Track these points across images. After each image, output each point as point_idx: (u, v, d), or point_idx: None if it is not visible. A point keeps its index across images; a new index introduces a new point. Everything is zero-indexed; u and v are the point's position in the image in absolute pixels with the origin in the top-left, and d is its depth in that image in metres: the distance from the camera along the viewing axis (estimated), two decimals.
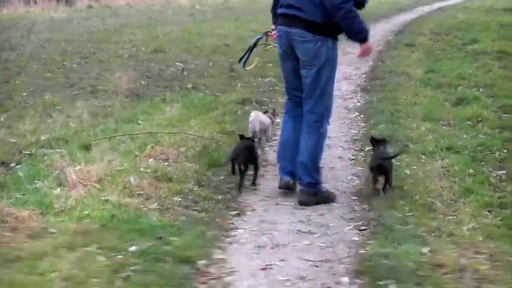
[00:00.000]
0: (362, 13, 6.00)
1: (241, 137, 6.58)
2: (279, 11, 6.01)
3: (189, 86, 10.93)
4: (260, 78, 11.80)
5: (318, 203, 5.95)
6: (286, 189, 6.20)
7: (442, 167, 6.83)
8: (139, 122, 8.43)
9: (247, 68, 7.34)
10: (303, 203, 5.94)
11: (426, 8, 32.36)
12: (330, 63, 5.95)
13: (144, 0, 30.71)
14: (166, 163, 6.64)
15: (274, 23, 6.28)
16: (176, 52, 14.14)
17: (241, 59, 7.16)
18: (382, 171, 6.09)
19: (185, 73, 11.93)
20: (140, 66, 12.50)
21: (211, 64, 13.08)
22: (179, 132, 7.61)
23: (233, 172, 6.38)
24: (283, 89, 10.62)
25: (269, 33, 6.74)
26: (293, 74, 6.12)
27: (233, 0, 33.48)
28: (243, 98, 9.93)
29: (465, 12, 28.55)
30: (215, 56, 14.11)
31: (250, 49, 6.99)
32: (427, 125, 8.58)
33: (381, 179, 6.13)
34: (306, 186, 6.00)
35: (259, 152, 6.93)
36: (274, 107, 9.71)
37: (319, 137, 6.06)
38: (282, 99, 10.25)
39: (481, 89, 11.11)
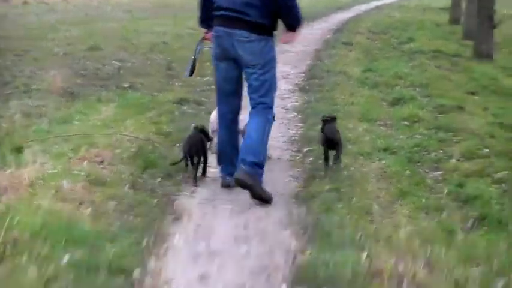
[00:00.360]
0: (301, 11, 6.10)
1: (195, 129, 6.60)
2: (218, 13, 5.98)
3: (126, 85, 10.74)
4: (198, 77, 11.66)
5: (254, 193, 5.85)
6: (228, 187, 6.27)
7: (379, 168, 6.83)
8: (74, 122, 8.20)
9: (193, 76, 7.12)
10: (241, 182, 5.83)
11: (363, 7, 32.74)
12: (274, 61, 6.11)
13: None
14: (101, 165, 6.48)
15: (207, 26, 6.30)
16: (113, 50, 13.93)
17: (191, 73, 6.96)
18: (333, 144, 6.68)
19: (122, 72, 11.73)
20: (76, 64, 12.25)
21: (148, 62, 12.92)
22: (114, 133, 7.45)
23: (187, 165, 6.44)
24: None
25: (205, 37, 6.56)
26: (231, 78, 6.17)
27: None
28: (181, 98, 9.81)
29: (402, 11, 29.01)
30: (153, 54, 13.97)
31: (194, 61, 6.80)
32: (364, 125, 8.61)
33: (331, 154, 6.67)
34: (249, 165, 5.85)
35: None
36: (211, 106, 9.65)
37: (267, 121, 6.11)
38: None
39: (417, 89, 11.26)
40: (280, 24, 6.10)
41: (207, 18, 6.23)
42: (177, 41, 15.87)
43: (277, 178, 6.69)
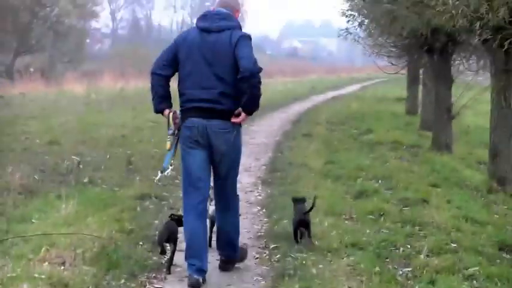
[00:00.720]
0: (261, 103, 6.36)
1: (171, 216, 6.85)
2: (189, 105, 6.18)
3: (86, 180, 10.51)
4: (159, 172, 11.51)
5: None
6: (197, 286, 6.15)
7: (348, 265, 6.72)
8: (33, 221, 7.96)
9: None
10: (225, 269, 6.66)
11: (321, 97, 33.15)
12: (240, 149, 6.48)
13: (38, 89, 30.21)
14: (63, 267, 6.24)
15: (168, 106, 6.37)
16: (72, 144, 13.73)
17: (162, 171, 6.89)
18: (303, 224, 7.38)
19: (81, 166, 11.48)
20: (34, 159, 11.98)
21: (108, 156, 12.71)
22: (75, 233, 7.21)
23: (163, 252, 6.67)
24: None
25: (174, 121, 6.36)
26: (200, 163, 6.26)
27: (129, 88, 33.33)
28: (142, 193, 9.61)
29: (358, 102, 29.39)
30: (112, 147, 13.77)
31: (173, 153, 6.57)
32: (330, 220, 8.49)
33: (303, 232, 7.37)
34: (229, 257, 6.68)
35: None
36: (174, 201, 9.51)
37: (237, 212, 6.70)
38: None
39: (379, 181, 11.26)
40: None
41: (167, 97, 6.36)
42: (136, 134, 15.75)
43: (244, 277, 6.53)
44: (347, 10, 19.56)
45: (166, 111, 6.39)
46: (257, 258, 7.15)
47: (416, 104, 24.15)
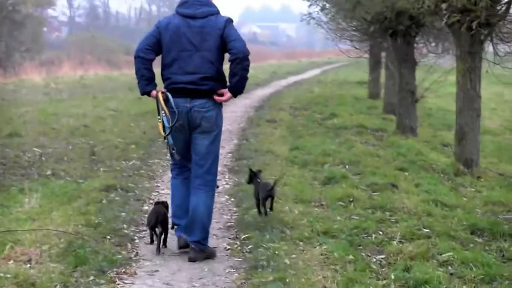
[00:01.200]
0: None
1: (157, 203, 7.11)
2: (174, 86, 6.46)
3: (49, 172, 10.28)
4: (123, 162, 11.34)
5: (205, 258, 6.64)
6: (186, 248, 6.72)
7: (322, 254, 6.61)
8: None
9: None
10: (193, 260, 6.57)
11: (283, 82, 33.03)
12: (221, 129, 6.77)
13: None
14: (29, 265, 6.04)
15: (154, 86, 6.55)
16: (33, 135, 13.39)
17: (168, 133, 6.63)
18: (269, 197, 7.76)
19: (43, 158, 11.24)
20: None
21: (70, 147, 12.45)
22: (40, 228, 7.00)
23: (152, 241, 6.98)
24: (149, 173, 10.47)
25: (163, 98, 6.51)
26: (184, 144, 6.66)
27: (89, 77, 32.92)
28: (107, 185, 9.36)
29: (320, 86, 29.35)
30: (74, 138, 13.48)
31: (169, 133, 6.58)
32: (300, 208, 8.40)
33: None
34: (199, 243, 6.64)
35: None
36: (140, 192, 9.32)
37: (213, 194, 6.90)
38: (149, 183, 9.94)
39: (347, 166, 11.20)
40: None
41: (150, 80, 6.53)
42: (98, 124, 15.46)
43: (217, 269, 6.39)
44: None
45: (154, 92, 6.54)
46: (228, 249, 7.01)
47: (379, 88, 24.17)
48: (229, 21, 6.54)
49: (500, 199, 9.22)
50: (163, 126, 6.55)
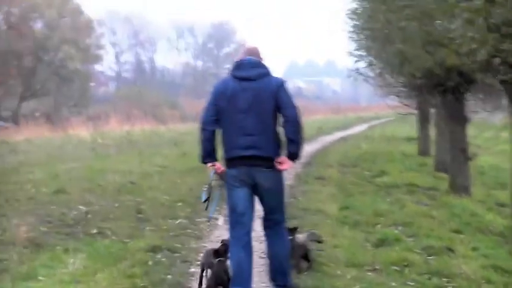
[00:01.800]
0: None
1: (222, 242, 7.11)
2: (233, 153, 6.70)
3: (94, 231, 10.09)
4: (170, 220, 11.12)
5: None
6: None
7: None
8: (40, 278, 7.52)
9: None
10: None
11: (329, 138, 32.80)
12: (284, 184, 6.95)
13: (43, 134, 29.97)
14: None
15: (213, 160, 6.87)
16: (78, 192, 13.30)
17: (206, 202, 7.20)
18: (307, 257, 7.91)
19: (89, 216, 11.09)
20: (40, 209, 11.53)
21: (116, 205, 12.29)
22: None
23: None
24: (196, 232, 10.23)
25: (216, 171, 6.94)
26: (247, 202, 6.79)
27: (135, 132, 33.09)
28: (154, 245, 9.13)
29: (368, 142, 29.04)
30: (120, 195, 13.35)
31: (208, 188, 7.11)
32: (352, 272, 8.06)
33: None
34: (282, 286, 6.92)
35: None
36: (187, 253, 9.07)
37: (287, 241, 7.13)
38: (195, 244, 9.67)
39: (399, 227, 10.84)
40: None
41: (213, 151, 6.85)
42: (145, 180, 15.35)
43: None
44: (354, 50, 19.34)
45: (209, 165, 6.89)
46: None
47: (428, 144, 23.78)
48: (283, 83, 6.78)
49: None
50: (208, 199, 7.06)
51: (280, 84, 6.73)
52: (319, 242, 8.38)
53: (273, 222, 6.97)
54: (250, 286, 6.75)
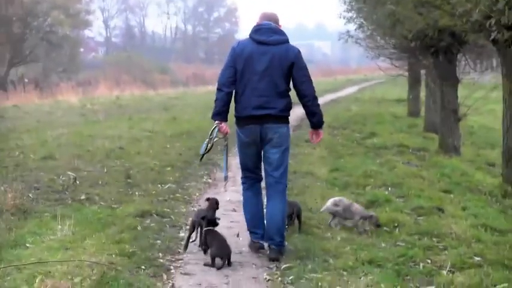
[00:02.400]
0: None
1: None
2: (245, 112, 7.19)
3: (82, 197, 10.00)
4: (159, 185, 11.06)
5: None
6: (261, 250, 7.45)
7: (368, 286, 6.24)
8: (28, 245, 7.43)
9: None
10: (275, 259, 7.17)
11: (320, 101, 31.63)
12: (289, 143, 7.47)
13: (32, 100, 29.75)
14: None
15: (222, 118, 7.32)
16: (67, 158, 13.14)
17: (205, 153, 7.75)
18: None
19: (77, 182, 10.98)
20: (28, 176, 11.41)
21: (105, 170, 12.19)
22: (72, 259, 6.70)
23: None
24: (185, 196, 10.17)
25: (220, 129, 7.41)
26: (256, 156, 7.43)
27: (125, 97, 32.90)
28: (142, 210, 9.05)
29: (358, 104, 28.96)
30: (109, 160, 13.24)
31: (209, 143, 7.59)
32: (343, 234, 8.06)
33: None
34: (278, 245, 7.26)
35: None
36: (176, 218, 9.01)
37: (286, 201, 7.57)
38: (185, 208, 9.62)
39: (389, 188, 10.84)
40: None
41: (224, 111, 7.30)
42: (134, 146, 15.23)
43: None
44: (344, 12, 19.20)
45: (216, 122, 7.35)
46: (269, 280, 6.65)
47: (419, 106, 23.73)
48: (300, 54, 7.27)
49: None
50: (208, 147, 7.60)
51: (296, 54, 7.20)
52: (378, 226, 8.23)
53: (276, 180, 7.35)
54: (263, 226, 7.48)
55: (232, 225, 8.87)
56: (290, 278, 6.56)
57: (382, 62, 22.45)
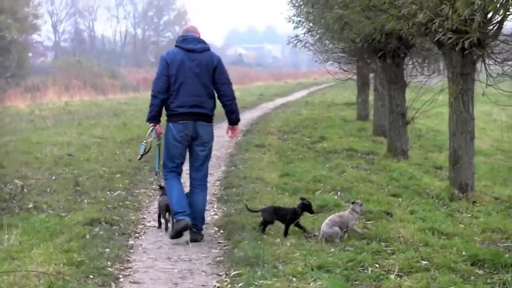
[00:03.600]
0: None
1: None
2: (181, 110, 8.32)
3: (30, 205, 9.88)
4: (108, 192, 10.98)
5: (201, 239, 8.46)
6: (185, 229, 8.33)
7: None
8: None
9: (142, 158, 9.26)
10: (195, 240, 8.38)
11: (270, 105, 32.74)
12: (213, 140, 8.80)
13: None
14: None
15: (157, 121, 8.57)
16: (15, 166, 12.95)
17: (143, 154, 8.97)
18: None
19: (25, 190, 10.85)
20: None
21: (54, 178, 12.06)
22: (19, 270, 6.62)
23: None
24: (135, 203, 10.10)
25: (157, 131, 8.64)
26: (184, 152, 8.58)
27: (74, 102, 32.55)
28: (91, 218, 8.99)
29: (308, 108, 29.09)
30: (58, 168, 13.10)
31: (147, 145, 8.80)
32: (292, 239, 8.08)
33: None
34: (199, 229, 8.52)
35: None
36: (125, 226, 8.95)
37: (206, 192, 8.86)
38: (134, 216, 9.58)
39: (339, 193, 10.90)
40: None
41: (158, 115, 8.52)
42: (83, 152, 15.09)
43: None
44: (293, 16, 19.26)
45: (151, 125, 8.59)
46: (218, 287, 6.65)
47: (368, 109, 23.92)
48: (220, 60, 8.60)
49: (498, 226, 8.96)
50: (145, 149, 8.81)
51: (218, 59, 8.55)
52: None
53: (201, 176, 8.66)
54: (187, 206, 8.38)
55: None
56: (240, 285, 6.57)
57: (330, 66, 22.60)
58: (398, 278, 6.65)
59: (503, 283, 6.57)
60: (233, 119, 8.81)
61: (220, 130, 19.95)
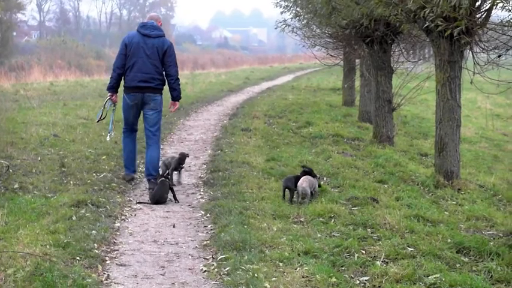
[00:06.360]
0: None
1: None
2: (132, 84, 10.20)
3: (16, 186, 9.82)
4: (94, 174, 10.93)
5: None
6: (131, 180, 10.68)
7: (303, 277, 6.32)
8: None
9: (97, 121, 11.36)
10: (151, 188, 9.86)
11: (256, 89, 32.67)
12: (162, 107, 10.57)
13: None
14: None
15: (115, 91, 10.61)
16: (0, 146, 12.89)
17: (100, 119, 11.08)
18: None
19: (11, 171, 10.78)
20: None
21: (39, 159, 11.98)
22: (5, 251, 6.59)
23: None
24: (121, 186, 10.09)
25: (112, 99, 10.67)
26: (136, 116, 10.59)
27: (59, 83, 32.36)
28: (78, 200, 8.94)
29: (294, 93, 29.05)
30: (43, 148, 13.01)
31: (103, 111, 10.94)
32: (279, 224, 8.11)
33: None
34: (154, 178, 9.98)
35: None
36: (111, 208, 8.93)
37: (159, 147, 10.63)
38: (120, 198, 9.57)
39: (325, 178, 10.91)
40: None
41: (116, 86, 10.50)
42: (68, 133, 15.00)
43: None
44: (281, 1, 19.20)
45: (109, 94, 10.61)
46: (205, 271, 6.68)
47: (354, 95, 23.94)
48: (171, 46, 10.35)
49: (483, 213, 9.03)
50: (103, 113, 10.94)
51: (169, 45, 10.27)
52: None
53: (153, 134, 10.34)
54: (134, 165, 10.90)
55: (169, 215, 8.88)
56: (226, 269, 6.58)
57: (318, 52, 22.55)
58: (384, 265, 6.70)
59: (488, 271, 6.62)
60: (174, 95, 10.47)
61: (206, 113, 20.04)
